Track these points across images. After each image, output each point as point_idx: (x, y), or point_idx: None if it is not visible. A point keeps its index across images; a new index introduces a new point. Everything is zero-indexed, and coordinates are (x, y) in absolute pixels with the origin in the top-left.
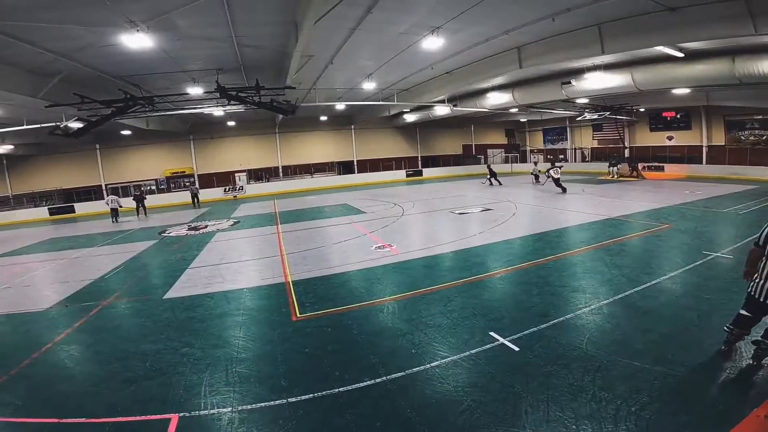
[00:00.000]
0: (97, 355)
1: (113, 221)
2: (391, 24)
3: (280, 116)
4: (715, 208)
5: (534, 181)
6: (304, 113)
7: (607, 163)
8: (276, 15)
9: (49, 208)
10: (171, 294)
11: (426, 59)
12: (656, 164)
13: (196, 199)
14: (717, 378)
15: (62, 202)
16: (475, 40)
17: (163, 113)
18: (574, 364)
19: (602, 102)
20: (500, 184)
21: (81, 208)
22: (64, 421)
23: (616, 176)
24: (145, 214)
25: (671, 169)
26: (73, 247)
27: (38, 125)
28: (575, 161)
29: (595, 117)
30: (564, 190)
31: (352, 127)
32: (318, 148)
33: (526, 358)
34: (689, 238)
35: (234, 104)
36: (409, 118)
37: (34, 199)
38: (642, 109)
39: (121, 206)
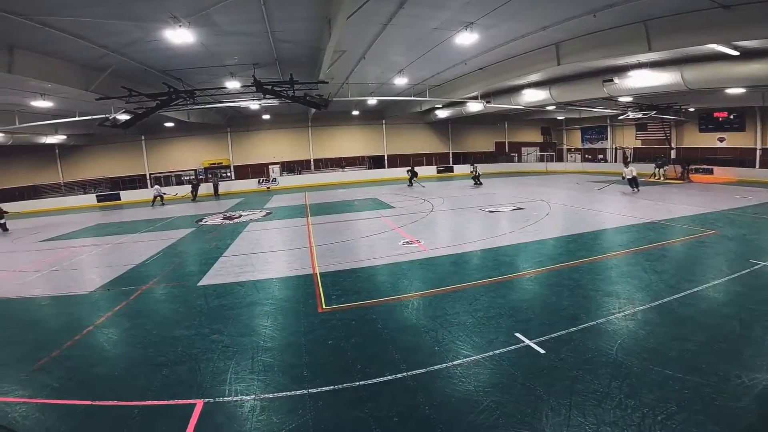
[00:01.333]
0: (133, 339)
1: (153, 206)
2: (423, 19)
3: (313, 110)
4: (766, 214)
5: (632, 187)
6: (336, 108)
7: (653, 165)
8: (310, 10)
9: (97, 195)
10: (205, 281)
11: (459, 55)
12: (704, 166)
13: (215, 190)
14: (752, 390)
15: (109, 189)
16: (511, 36)
17: (203, 106)
18: (601, 370)
19: (647, 100)
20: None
21: (126, 195)
22: (97, 403)
23: (661, 178)
24: (194, 199)
25: (720, 172)
26: (117, 233)
27: (89, 117)
28: (616, 161)
29: (640, 116)
30: (480, 184)
31: (383, 122)
32: (349, 142)
33: (552, 361)
34: (736, 246)
35: (269, 98)
36: (441, 114)
37: (83, 187)
38: (691, 109)
39: (164, 194)
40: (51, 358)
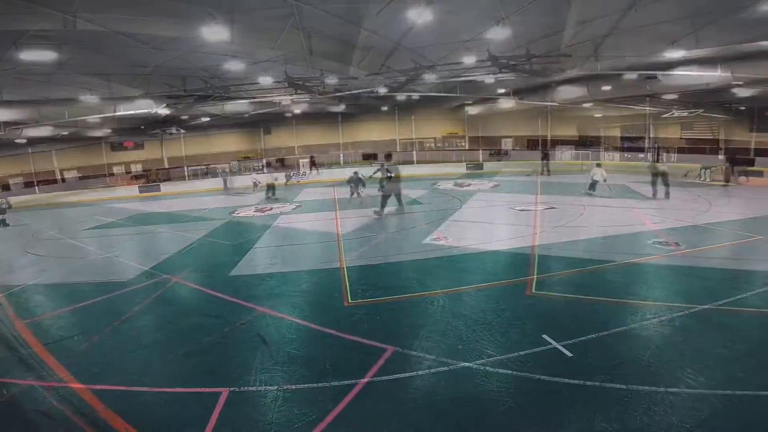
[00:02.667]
0: (168, 326)
1: (252, 191)
2: (453, 15)
3: (343, 105)
4: None
5: (590, 190)
6: (366, 102)
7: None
8: (340, 6)
9: (139, 187)
10: (236, 272)
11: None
12: (756, 168)
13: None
14: None
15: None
16: (545, 32)
17: (236, 101)
18: (630, 375)
19: (694, 98)
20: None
21: (165, 187)
22: (130, 388)
23: (708, 179)
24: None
25: None
26: (157, 223)
27: (134, 112)
28: (659, 160)
29: (685, 114)
30: (382, 187)
31: (413, 117)
32: (378, 137)
33: (580, 365)
34: None
35: (300, 93)
36: (472, 110)
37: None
38: (742, 108)
39: (259, 183)
40: (91, 343)
